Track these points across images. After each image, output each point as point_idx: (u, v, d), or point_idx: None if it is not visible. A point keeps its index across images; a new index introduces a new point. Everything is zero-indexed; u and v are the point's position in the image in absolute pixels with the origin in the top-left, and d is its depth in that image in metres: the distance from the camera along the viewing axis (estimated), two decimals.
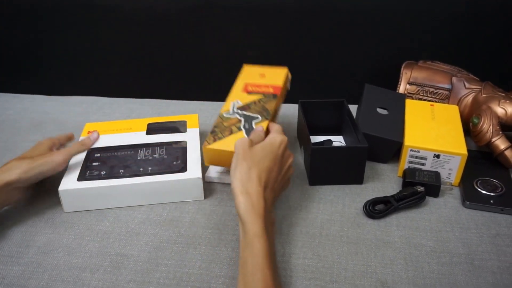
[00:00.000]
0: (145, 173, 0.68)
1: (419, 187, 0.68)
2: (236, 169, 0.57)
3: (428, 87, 0.86)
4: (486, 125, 0.75)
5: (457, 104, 0.84)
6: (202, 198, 0.69)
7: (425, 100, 0.86)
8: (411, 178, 0.70)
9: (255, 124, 0.70)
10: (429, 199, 0.69)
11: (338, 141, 0.83)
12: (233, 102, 0.75)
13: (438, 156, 0.71)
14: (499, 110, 0.78)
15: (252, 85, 0.79)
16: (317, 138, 0.83)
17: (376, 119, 0.79)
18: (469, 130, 0.79)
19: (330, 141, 0.82)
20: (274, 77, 0.81)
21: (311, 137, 0.81)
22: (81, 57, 1.04)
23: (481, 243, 0.61)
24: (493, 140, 0.74)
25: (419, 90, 0.87)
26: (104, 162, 0.70)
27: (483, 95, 0.81)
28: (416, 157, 0.72)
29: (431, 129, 0.75)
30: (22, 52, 1.06)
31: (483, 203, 0.67)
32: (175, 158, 0.71)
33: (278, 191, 0.62)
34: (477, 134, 0.76)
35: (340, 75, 1.00)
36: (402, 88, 0.87)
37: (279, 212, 0.67)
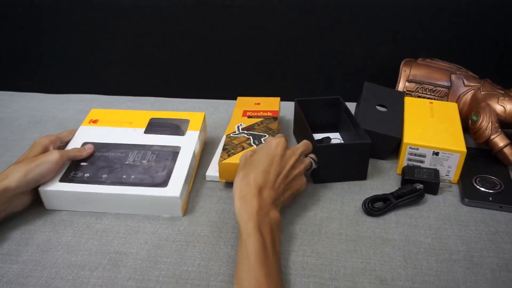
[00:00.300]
0: (127, 182, 0.67)
1: (418, 185, 0.68)
2: (237, 178, 0.61)
3: (427, 85, 0.86)
4: (485, 123, 0.75)
5: (456, 102, 0.84)
6: (180, 215, 0.66)
7: (424, 98, 0.86)
8: (410, 176, 0.70)
9: (264, 140, 0.73)
10: (428, 197, 0.69)
11: (337, 138, 0.83)
12: (237, 125, 0.79)
13: (437, 154, 0.71)
14: (498, 108, 0.78)
15: (251, 111, 0.83)
16: (314, 136, 0.83)
17: (375, 116, 0.79)
18: (468, 128, 0.79)
19: (329, 139, 0.82)
20: (270, 104, 0.85)
21: None
22: (81, 55, 1.04)
23: (480, 240, 0.61)
24: (492, 138, 0.74)
25: (418, 88, 0.87)
26: (93, 163, 0.70)
27: (482, 93, 0.81)
28: (415, 155, 0.72)
29: (430, 127, 0.75)
30: (21, 50, 1.06)
31: (482, 201, 0.67)
32: (162, 167, 0.69)
33: (283, 191, 0.62)
34: (476, 132, 0.76)
35: (339, 73, 1.00)
36: (401, 86, 0.87)
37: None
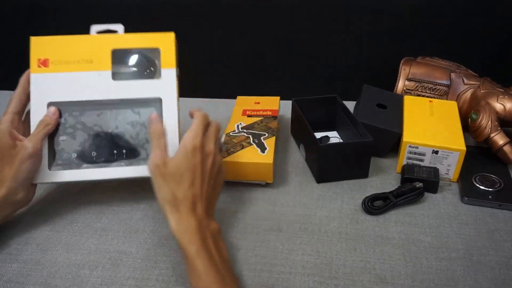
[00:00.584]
0: (120, 158, 0.64)
1: (418, 183, 0.68)
2: (160, 191, 0.55)
3: (427, 83, 0.86)
4: (485, 121, 0.75)
5: (456, 100, 0.84)
6: None
7: (424, 96, 0.86)
8: (410, 174, 0.70)
9: (263, 139, 0.73)
10: (428, 195, 0.69)
11: (335, 137, 0.83)
12: (237, 124, 0.79)
13: (437, 152, 0.71)
14: (498, 106, 0.78)
15: (251, 111, 0.83)
16: None
17: (375, 113, 0.79)
18: (468, 126, 0.79)
19: (328, 138, 0.82)
20: (269, 103, 0.86)
21: None
22: None
23: (480, 239, 0.61)
24: (492, 136, 0.74)
25: (418, 86, 0.87)
26: (72, 136, 0.65)
27: (482, 91, 0.81)
28: (415, 153, 0.72)
29: (430, 125, 0.75)
30: (21, 50, 1.06)
31: (482, 199, 0.67)
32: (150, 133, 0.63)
33: (212, 194, 0.58)
34: (476, 130, 0.76)
35: (339, 72, 1.00)
36: (401, 84, 0.87)
37: (278, 209, 0.67)
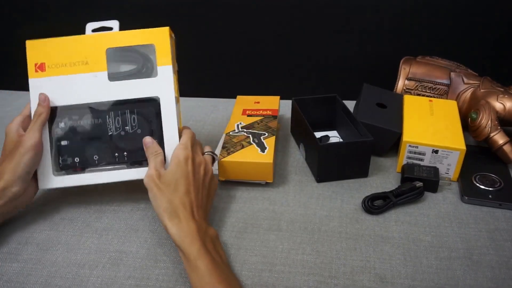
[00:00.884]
0: (121, 161, 0.65)
1: (418, 183, 0.68)
2: (156, 201, 0.57)
3: (427, 83, 0.86)
4: (485, 120, 0.75)
5: (456, 100, 0.84)
6: None
7: (424, 96, 0.86)
8: (410, 174, 0.70)
9: (263, 139, 0.73)
10: (428, 195, 0.69)
11: (335, 136, 0.83)
12: (237, 123, 0.79)
13: (437, 152, 0.71)
14: (498, 105, 0.78)
15: (251, 110, 0.83)
16: None
17: (375, 112, 0.79)
18: (468, 125, 0.79)
19: (328, 137, 0.82)
20: (269, 103, 0.86)
21: None
22: None
23: (480, 238, 0.61)
24: (492, 135, 0.74)
25: (418, 86, 0.87)
26: (73, 140, 0.66)
27: (482, 90, 0.81)
28: (415, 153, 0.72)
29: (430, 125, 0.75)
30: (20, 49, 1.06)
31: (482, 198, 0.67)
32: (150, 133, 0.65)
33: (207, 202, 0.61)
34: (476, 129, 0.76)
35: (339, 71, 1.00)
36: (401, 84, 0.87)
37: (277, 209, 0.67)
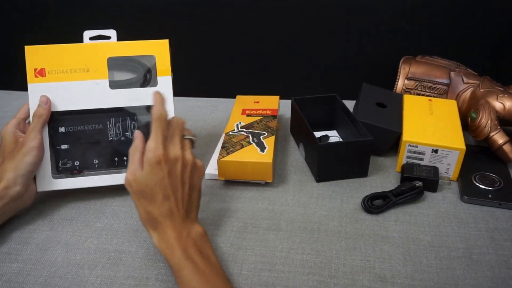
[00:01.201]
0: (121, 165, 0.66)
1: (417, 182, 0.68)
2: (137, 210, 0.56)
3: (427, 82, 0.86)
4: (484, 120, 0.75)
5: (455, 99, 0.84)
6: None
7: (424, 95, 0.86)
8: (410, 173, 0.70)
9: (263, 138, 0.73)
10: (427, 194, 0.69)
11: (335, 136, 0.83)
12: (236, 123, 0.79)
13: (436, 151, 0.71)
14: (497, 105, 0.78)
15: (250, 110, 0.83)
16: None
17: (375, 112, 0.79)
18: (468, 125, 0.79)
19: (327, 137, 0.82)
20: (269, 102, 0.85)
21: None
22: None
23: (479, 238, 0.61)
24: (491, 135, 0.74)
25: (418, 85, 0.87)
26: (73, 144, 0.67)
27: (481, 90, 0.81)
28: (414, 152, 0.72)
29: (429, 124, 0.75)
30: (18, 48, 1.06)
31: (481, 198, 0.67)
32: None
33: (190, 196, 0.57)
34: (475, 129, 0.76)
35: (339, 71, 1.00)
36: (401, 83, 0.87)
37: (277, 208, 0.67)
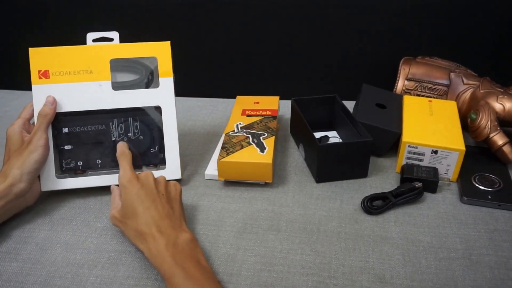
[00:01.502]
0: None
1: (417, 183, 0.68)
2: (126, 235, 0.58)
3: (426, 83, 0.86)
4: (484, 121, 0.75)
5: (455, 100, 0.84)
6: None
7: (423, 96, 0.86)
8: (409, 174, 0.70)
9: (263, 139, 0.73)
10: (427, 195, 0.69)
11: (334, 137, 0.83)
12: (236, 124, 0.79)
13: (436, 152, 0.71)
14: (497, 106, 0.78)
15: (250, 110, 0.83)
16: None
17: (374, 112, 0.79)
18: (467, 126, 0.79)
19: (327, 137, 0.82)
20: (269, 103, 0.86)
21: None
22: None
23: (479, 239, 0.61)
24: (491, 136, 0.74)
25: (417, 86, 0.87)
26: (76, 144, 0.68)
27: (481, 91, 0.81)
28: (414, 153, 0.72)
29: (429, 125, 0.75)
30: (20, 48, 1.06)
31: (481, 199, 0.67)
32: (151, 140, 0.70)
33: (173, 210, 0.59)
34: (475, 130, 0.76)
35: (338, 72, 1.00)
36: (400, 84, 0.87)
37: (277, 209, 0.67)
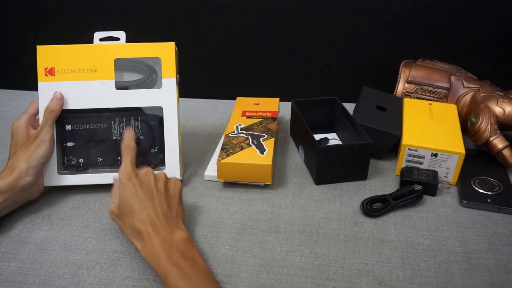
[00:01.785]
0: None
1: (417, 186, 0.68)
2: (123, 231, 0.58)
3: (427, 86, 0.86)
4: (484, 124, 0.75)
5: (456, 103, 0.84)
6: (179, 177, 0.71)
7: (424, 99, 0.86)
8: (409, 177, 0.70)
9: (262, 140, 0.73)
10: (427, 198, 0.69)
11: (334, 139, 0.83)
12: (236, 125, 0.79)
13: (436, 155, 0.71)
14: (497, 109, 0.78)
15: (250, 112, 0.83)
16: None
17: (374, 115, 0.79)
18: (467, 129, 0.79)
19: (327, 139, 0.82)
20: (269, 105, 0.86)
21: None
22: None
23: (478, 242, 0.61)
24: (491, 139, 0.74)
25: (418, 89, 0.87)
26: (78, 142, 0.70)
27: (482, 94, 0.81)
28: (414, 156, 0.72)
29: (429, 128, 0.75)
30: (20, 48, 1.06)
31: (481, 202, 0.67)
32: (152, 140, 0.71)
33: (171, 208, 0.58)
34: (475, 133, 0.76)
35: (339, 74, 1.00)
36: (401, 87, 0.87)
37: (276, 211, 0.67)
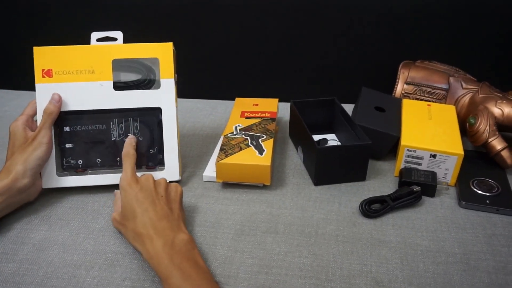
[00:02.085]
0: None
1: (415, 187, 0.68)
2: (126, 237, 0.59)
3: (426, 87, 0.86)
4: (483, 126, 0.75)
5: (454, 104, 0.84)
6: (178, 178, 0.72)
7: (422, 100, 0.86)
8: (408, 178, 0.70)
9: (261, 141, 0.74)
10: (425, 199, 0.69)
11: (333, 140, 0.83)
12: (235, 126, 0.79)
13: (435, 156, 0.71)
14: (496, 111, 0.78)
15: (249, 112, 0.83)
16: None
17: (373, 116, 0.79)
18: (466, 130, 0.79)
19: (326, 140, 0.82)
20: (268, 105, 0.86)
21: None
22: None
23: (477, 243, 0.61)
24: (490, 141, 0.74)
25: (417, 90, 0.87)
26: (77, 143, 0.70)
27: (480, 96, 0.81)
28: (413, 157, 0.72)
29: (428, 129, 0.75)
30: (19, 48, 1.06)
31: (479, 203, 0.67)
32: (151, 141, 0.71)
33: (172, 212, 0.59)
34: (474, 134, 0.76)
35: (338, 75, 1.00)
36: (400, 88, 0.87)
37: (275, 211, 0.67)
